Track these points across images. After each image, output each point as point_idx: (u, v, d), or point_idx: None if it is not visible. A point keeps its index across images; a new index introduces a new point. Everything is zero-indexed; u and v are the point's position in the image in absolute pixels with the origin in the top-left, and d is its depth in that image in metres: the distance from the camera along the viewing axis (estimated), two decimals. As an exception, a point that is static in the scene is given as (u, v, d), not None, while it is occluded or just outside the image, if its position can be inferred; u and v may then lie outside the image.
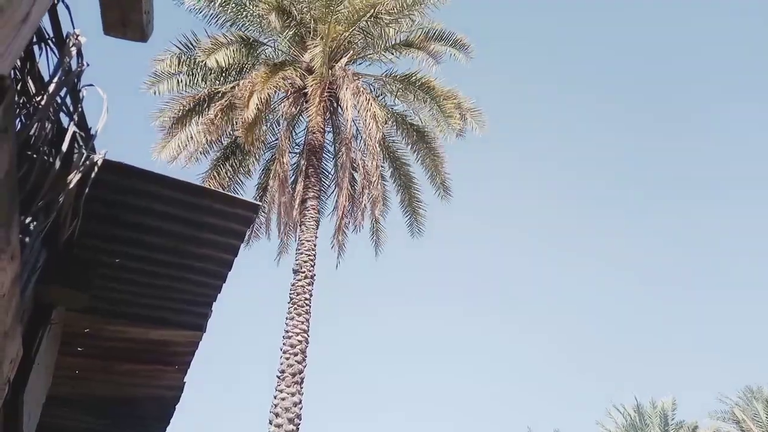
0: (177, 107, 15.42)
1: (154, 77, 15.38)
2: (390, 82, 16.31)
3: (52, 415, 5.12)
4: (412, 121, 16.72)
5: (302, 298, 14.34)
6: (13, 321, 2.30)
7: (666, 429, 29.42)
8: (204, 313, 4.38)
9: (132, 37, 2.46)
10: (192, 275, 3.95)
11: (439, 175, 17.03)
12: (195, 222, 3.52)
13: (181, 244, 3.68)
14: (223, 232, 3.62)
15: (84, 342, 4.52)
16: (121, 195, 3.32)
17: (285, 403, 13.12)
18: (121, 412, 5.61)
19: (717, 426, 27.75)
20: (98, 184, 3.00)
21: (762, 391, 27.27)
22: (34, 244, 2.51)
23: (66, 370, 4.83)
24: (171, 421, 5.73)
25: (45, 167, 2.75)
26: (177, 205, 3.44)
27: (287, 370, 13.51)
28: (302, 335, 13.98)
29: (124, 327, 4.38)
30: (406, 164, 17.41)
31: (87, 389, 5.27)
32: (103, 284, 3.68)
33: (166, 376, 5.05)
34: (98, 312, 3.96)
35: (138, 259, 3.73)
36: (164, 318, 4.30)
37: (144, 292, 4.08)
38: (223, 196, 3.81)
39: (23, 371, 3.05)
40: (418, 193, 17.54)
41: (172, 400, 5.38)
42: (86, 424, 5.78)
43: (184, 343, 4.64)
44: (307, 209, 15.40)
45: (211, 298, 4.24)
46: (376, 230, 17.72)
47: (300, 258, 14.83)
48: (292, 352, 13.73)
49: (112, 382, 5.18)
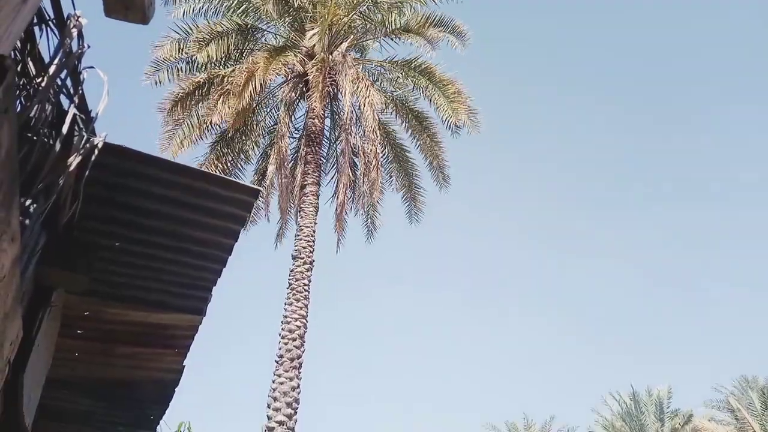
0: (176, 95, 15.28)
1: (154, 65, 15.28)
2: (390, 69, 16.22)
3: (51, 397, 5.15)
4: (411, 107, 16.62)
5: (301, 284, 14.37)
6: (14, 302, 2.30)
7: (661, 417, 29.66)
8: (204, 297, 4.39)
9: (133, 20, 2.44)
10: (191, 259, 3.95)
11: (438, 161, 16.96)
12: (195, 206, 3.52)
13: (180, 228, 3.68)
14: (223, 217, 3.62)
15: (84, 325, 4.54)
16: (122, 178, 3.32)
17: (283, 388, 13.20)
18: (120, 394, 5.64)
19: (712, 414, 27.97)
20: (98, 167, 3.00)
21: (757, 381, 27.45)
22: (34, 226, 2.51)
23: (66, 353, 4.86)
24: (170, 403, 5.77)
25: (45, 149, 2.74)
26: (177, 188, 3.44)
27: (285, 355, 13.57)
28: (301, 320, 14.02)
29: (124, 310, 4.39)
30: (405, 150, 17.33)
31: (87, 372, 5.30)
32: (102, 267, 3.69)
33: (166, 359, 5.08)
34: (98, 295, 3.97)
35: (138, 242, 3.73)
36: (164, 302, 4.31)
37: (144, 275, 4.09)
38: (222, 180, 3.80)
39: (23, 353, 3.06)
40: (418, 180, 17.50)
41: (172, 383, 5.41)
42: (86, 407, 5.82)
43: (183, 326, 4.66)
44: (306, 195, 15.37)
45: (211, 283, 4.25)
46: (372, 216, 17.72)
47: (299, 244, 14.84)
48: (290, 337, 13.78)
49: (112, 364, 5.20)
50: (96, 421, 6.17)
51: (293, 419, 13.09)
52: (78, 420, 6.13)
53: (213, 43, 14.35)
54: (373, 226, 17.86)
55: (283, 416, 12.90)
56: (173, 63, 15.38)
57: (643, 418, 29.86)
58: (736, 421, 25.69)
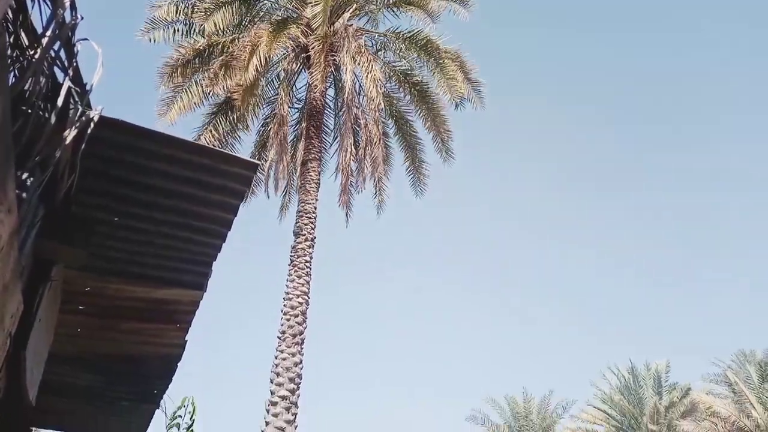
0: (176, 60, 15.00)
1: (150, 23, 14.83)
2: (393, 40, 15.93)
3: (54, 373, 5.19)
4: (414, 80, 16.26)
5: (303, 261, 14.39)
6: (13, 275, 2.29)
7: (659, 390, 29.98)
8: (204, 273, 4.38)
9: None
10: (191, 234, 3.94)
11: (441, 134, 16.59)
12: (193, 180, 3.49)
13: (179, 203, 3.66)
14: (222, 191, 3.59)
15: (85, 301, 4.55)
16: (119, 152, 3.28)
17: (286, 363, 13.32)
18: (123, 369, 5.69)
19: (710, 388, 28.27)
20: (95, 140, 2.96)
21: (755, 355, 27.69)
22: (31, 199, 2.49)
23: (68, 329, 4.88)
24: (173, 378, 5.82)
25: (40, 122, 2.71)
26: (175, 162, 3.40)
27: (288, 331, 13.66)
28: (303, 297, 14.09)
29: (125, 286, 4.39)
30: (409, 122, 16.99)
31: (89, 347, 5.34)
32: (101, 242, 3.68)
33: (168, 335, 5.10)
34: (97, 270, 3.96)
35: (136, 217, 3.71)
36: (164, 277, 4.30)
37: (143, 250, 4.08)
38: (221, 154, 3.77)
39: (25, 327, 3.07)
40: (422, 154, 17.22)
41: (174, 358, 5.45)
42: (89, 382, 5.87)
43: (184, 302, 4.66)
44: (308, 171, 15.28)
45: (211, 258, 4.24)
46: (379, 190, 17.51)
47: (300, 221, 14.81)
48: (292, 313, 13.86)
49: (114, 340, 5.23)
50: (99, 396, 6.23)
51: (296, 394, 13.24)
52: (81, 395, 6.20)
53: (220, 12, 14.00)
54: (381, 200, 17.65)
55: (286, 391, 13.04)
56: (170, 24, 15.05)
57: (642, 392, 30.20)
58: (734, 395, 25.96)
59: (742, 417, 24.40)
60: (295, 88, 16.73)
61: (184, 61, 14.87)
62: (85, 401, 6.36)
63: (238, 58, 13.63)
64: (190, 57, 14.91)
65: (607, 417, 30.68)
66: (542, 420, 33.06)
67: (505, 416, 33.95)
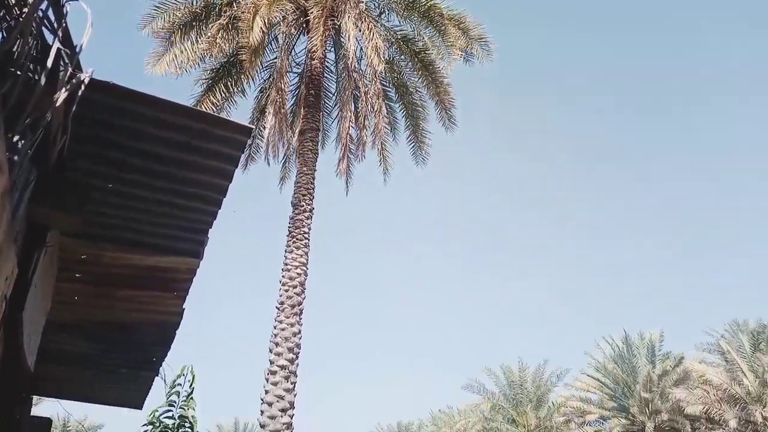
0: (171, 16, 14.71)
1: None
2: (395, 2, 15.52)
3: (51, 340, 5.22)
4: (415, 48, 15.87)
5: (301, 232, 14.39)
6: (6, 237, 2.28)
7: (653, 360, 30.38)
8: (200, 240, 4.36)
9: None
10: (185, 201, 3.90)
11: (444, 101, 16.22)
12: (186, 145, 3.44)
13: (173, 169, 3.62)
14: (216, 156, 3.55)
15: (82, 268, 4.54)
16: (111, 116, 3.24)
17: (285, 333, 13.43)
18: (121, 337, 5.72)
19: (703, 357, 28.67)
20: (87, 103, 2.92)
21: (748, 324, 28.03)
22: (23, 162, 2.46)
23: (65, 297, 4.89)
24: (171, 346, 5.86)
25: (30, 84, 2.66)
26: (168, 127, 3.35)
27: (286, 301, 13.75)
28: (301, 268, 14.13)
29: (122, 253, 4.38)
30: (411, 90, 16.70)
31: (87, 315, 5.35)
32: (96, 209, 3.65)
33: (165, 303, 5.11)
34: (92, 237, 3.95)
35: (130, 183, 3.68)
36: (159, 244, 4.29)
37: (138, 217, 4.06)
38: (214, 118, 3.71)
39: (21, 292, 3.07)
40: (424, 122, 16.96)
41: (172, 326, 5.47)
42: (85, 349, 5.91)
43: (181, 269, 4.66)
44: (306, 140, 15.15)
45: (207, 225, 4.22)
46: (384, 157, 17.33)
47: (299, 192, 14.76)
48: (291, 284, 13.92)
49: (112, 308, 5.25)
50: (98, 364, 6.28)
51: (295, 363, 13.39)
52: (80, 362, 6.25)
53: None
54: (385, 168, 17.47)
55: (285, 360, 13.18)
56: None
57: (635, 361, 30.60)
58: (726, 363, 26.36)
59: (733, 384, 24.82)
60: (294, 52, 16.48)
61: (181, 24, 14.62)
62: (83, 369, 6.42)
63: (242, 20, 13.33)
64: (188, 19, 14.64)
65: (600, 385, 31.17)
66: (537, 388, 33.57)
67: (500, 385, 34.47)
